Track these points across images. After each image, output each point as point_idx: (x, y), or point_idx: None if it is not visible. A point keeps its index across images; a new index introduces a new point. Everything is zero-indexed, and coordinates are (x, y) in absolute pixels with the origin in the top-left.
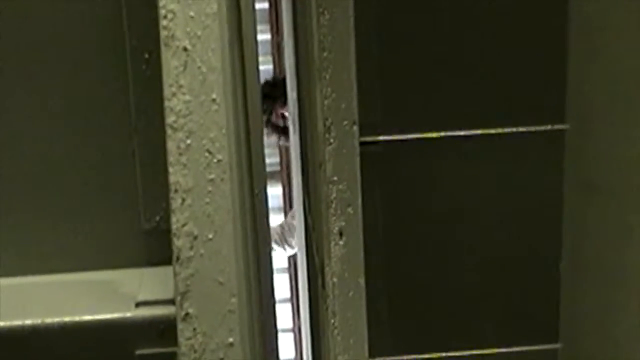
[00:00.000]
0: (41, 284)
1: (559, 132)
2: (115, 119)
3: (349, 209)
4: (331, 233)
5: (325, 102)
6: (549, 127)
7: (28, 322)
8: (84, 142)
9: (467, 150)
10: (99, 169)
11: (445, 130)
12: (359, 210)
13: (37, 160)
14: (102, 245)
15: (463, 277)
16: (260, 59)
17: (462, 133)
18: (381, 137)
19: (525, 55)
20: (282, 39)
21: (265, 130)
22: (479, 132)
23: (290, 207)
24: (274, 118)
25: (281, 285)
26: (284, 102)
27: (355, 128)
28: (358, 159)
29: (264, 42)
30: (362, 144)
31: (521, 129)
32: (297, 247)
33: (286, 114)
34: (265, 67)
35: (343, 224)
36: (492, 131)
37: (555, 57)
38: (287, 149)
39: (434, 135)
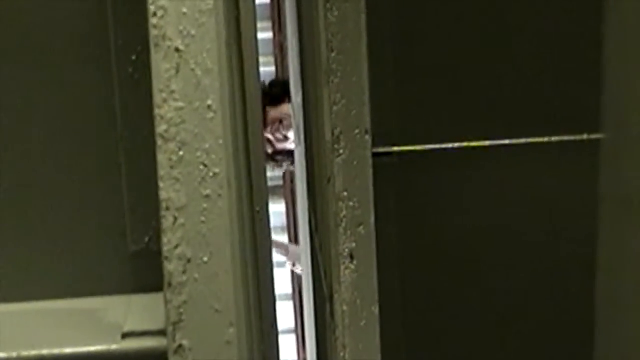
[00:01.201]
0: (16, 313)
1: (593, 142)
2: (98, 128)
3: (361, 229)
4: (341, 256)
5: (334, 108)
6: (582, 137)
7: (2, 355)
8: (63, 154)
9: (492, 163)
10: (80, 184)
11: (468, 140)
12: (372, 229)
13: (7, 173)
14: (84, 269)
15: (488, 303)
16: (261, 60)
17: (487, 143)
18: (396, 148)
19: (557, 58)
20: (285, 38)
21: None
22: (505, 142)
23: (295, 226)
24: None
25: (285, 314)
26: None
27: (368, 137)
28: (371, 172)
29: (265, 41)
30: (375, 155)
31: (553, 139)
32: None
33: (272, 137)
34: (267, 70)
35: (354, 245)
36: (521, 141)
37: (590, 60)
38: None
39: (456, 145)
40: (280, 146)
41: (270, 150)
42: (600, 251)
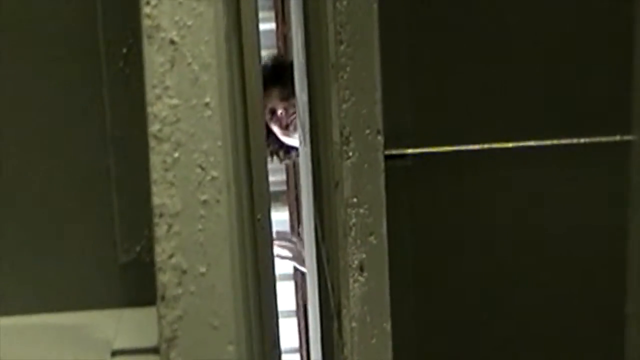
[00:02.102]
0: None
1: (624, 143)
2: (86, 127)
3: (372, 238)
4: (350, 267)
5: (343, 106)
6: (613, 138)
7: None
8: (48, 156)
9: (516, 166)
10: (66, 189)
11: (489, 141)
12: (384, 239)
13: None
14: (70, 281)
15: (513, 320)
16: (263, 53)
17: (510, 145)
18: (411, 150)
19: (585, 54)
20: (289, 29)
21: None
22: (531, 143)
23: (299, 234)
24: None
25: (288, 332)
26: (285, 95)
27: (380, 138)
28: (383, 176)
29: (268, 32)
30: (387, 157)
31: (582, 140)
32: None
33: (279, 111)
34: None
35: (364, 256)
36: (547, 142)
37: (621, 57)
38: (296, 165)
39: (476, 147)
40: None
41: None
42: (631, 254)
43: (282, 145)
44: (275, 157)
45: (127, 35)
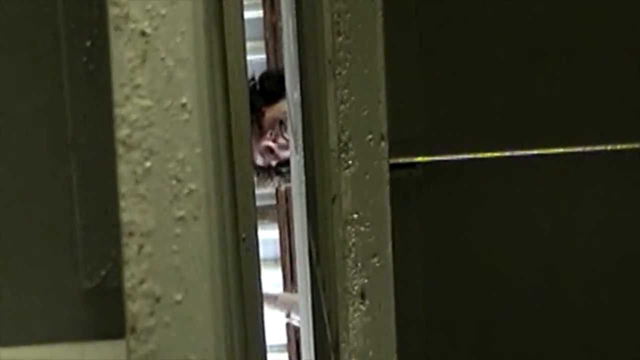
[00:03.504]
0: None
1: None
2: (43, 132)
3: (375, 260)
4: (349, 294)
5: (341, 107)
6: (632, 145)
7: None
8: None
9: (537, 175)
10: (19, 204)
11: (508, 148)
12: (389, 261)
13: None
14: (26, 311)
15: (530, 343)
16: (249, 45)
17: (532, 152)
18: (420, 158)
19: (611, 56)
20: (279, 17)
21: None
22: (553, 151)
23: (291, 257)
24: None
25: None
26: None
27: (384, 144)
28: (387, 188)
29: (254, 21)
30: (393, 166)
31: (608, 147)
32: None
33: (271, 144)
34: (256, 58)
35: (366, 281)
36: (569, 150)
37: None
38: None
39: (493, 155)
40: (285, 154)
41: (273, 162)
42: None
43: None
44: (277, 179)
45: (91, 25)
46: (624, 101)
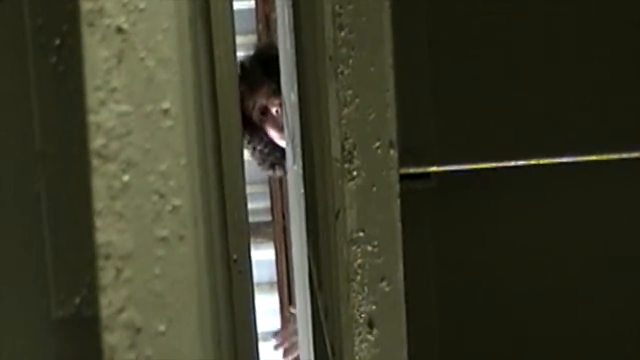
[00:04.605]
0: None
1: None
2: (7, 143)
3: (384, 284)
4: (355, 323)
5: (344, 111)
6: None
7: None
8: None
9: (569, 184)
10: None
11: (534, 155)
12: (400, 285)
13: None
14: None
15: None
16: (240, 40)
17: (562, 160)
18: (435, 168)
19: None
20: (273, 8)
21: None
22: (584, 159)
23: (288, 280)
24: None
25: None
26: (277, 89)
27: (393, 152)
28: (398, 201)
29: (245, 13)
30: (403, 177)
31: (633, 155)
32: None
33: (274, 109)
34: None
35: (374, 307)
36: (593, 158)
37: None
38: (282, 183)
39: (518, 163)
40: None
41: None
42: None
43: (283, 152)
44: (277, 169)
45: (60, 21)
46: None
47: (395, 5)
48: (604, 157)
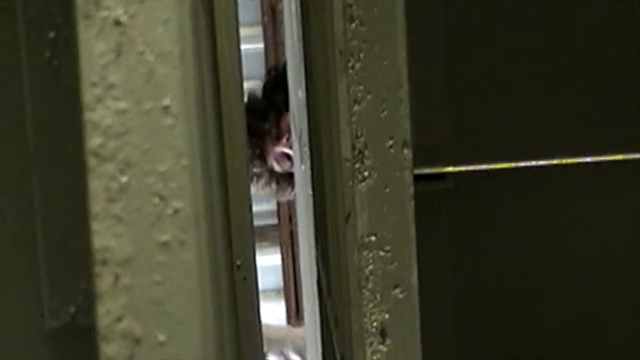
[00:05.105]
0: None
1: None
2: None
3: (397, 291)
4: (367, 332)
5: (355, 108)
6: None
7: None
8: None
9: (583, 185)
10: None
11: (552, 155)
12: (414, 292)
13: None
14: None
15: None
16: (244, 33)
17: (582, 160)
18: (451, 168)
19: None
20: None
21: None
22: (605, 158)
23: (296, 287)
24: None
25: None
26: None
27: (407, 152)
28: (412, 203)
29: (249, 4)
30: (418, 178)
31: None
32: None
33: (287, 150)
34: (252, 47)
35: (387, 316)
36: (610, 158)
37: None
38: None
39: (536, 163)
40: None
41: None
42: None
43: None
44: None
45: (55, 14)
46: None
47: None
48: (629, 156)
